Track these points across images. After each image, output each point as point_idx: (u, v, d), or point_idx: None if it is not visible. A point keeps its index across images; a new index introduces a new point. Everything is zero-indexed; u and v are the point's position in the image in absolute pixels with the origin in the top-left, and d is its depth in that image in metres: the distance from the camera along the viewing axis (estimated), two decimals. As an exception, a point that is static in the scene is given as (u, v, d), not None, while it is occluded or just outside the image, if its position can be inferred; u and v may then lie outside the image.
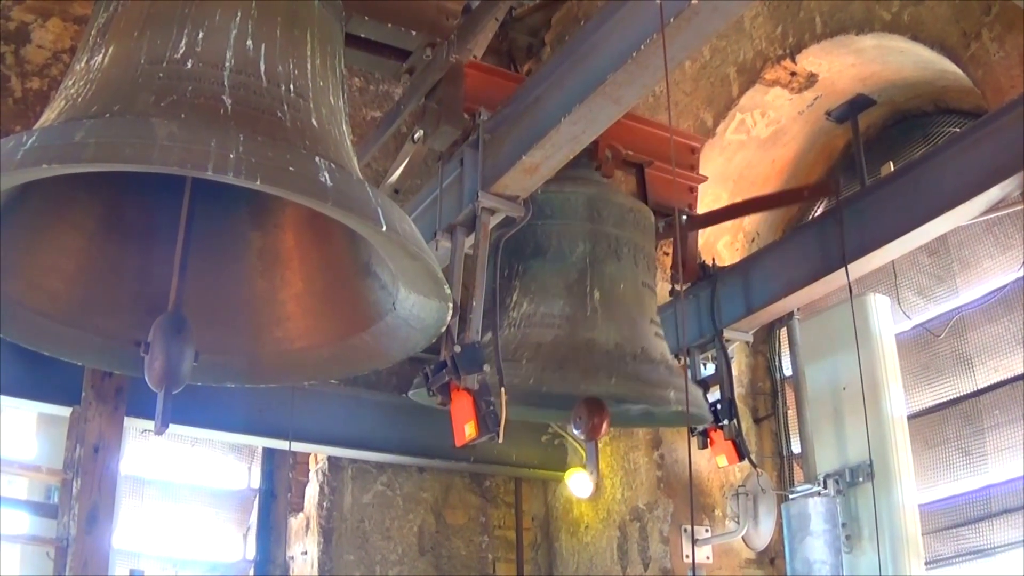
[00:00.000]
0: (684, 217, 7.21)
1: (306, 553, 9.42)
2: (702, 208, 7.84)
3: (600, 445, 9.15)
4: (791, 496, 7.62)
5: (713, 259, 7.76)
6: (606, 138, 6.46)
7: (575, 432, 6.37)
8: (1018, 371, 7.28)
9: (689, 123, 9.00)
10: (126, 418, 7.95)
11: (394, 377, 9.42)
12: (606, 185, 6.72)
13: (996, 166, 6.03)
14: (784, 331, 8.53)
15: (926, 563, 7.11)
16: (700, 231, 8.54)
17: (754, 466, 8.04)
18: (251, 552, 9.45)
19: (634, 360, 6.17)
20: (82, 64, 4.35)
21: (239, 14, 4.37)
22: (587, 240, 6.37)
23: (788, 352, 8.48)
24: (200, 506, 9.49)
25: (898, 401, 7.34)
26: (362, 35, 5.77)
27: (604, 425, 6.27)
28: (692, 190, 7.29)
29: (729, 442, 7.26)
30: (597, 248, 6.37)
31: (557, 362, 5.95)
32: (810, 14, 7.96)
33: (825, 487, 7.36)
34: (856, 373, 7.11)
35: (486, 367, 5.07)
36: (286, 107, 4.22)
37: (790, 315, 7.99)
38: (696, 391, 6.92)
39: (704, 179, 7.42)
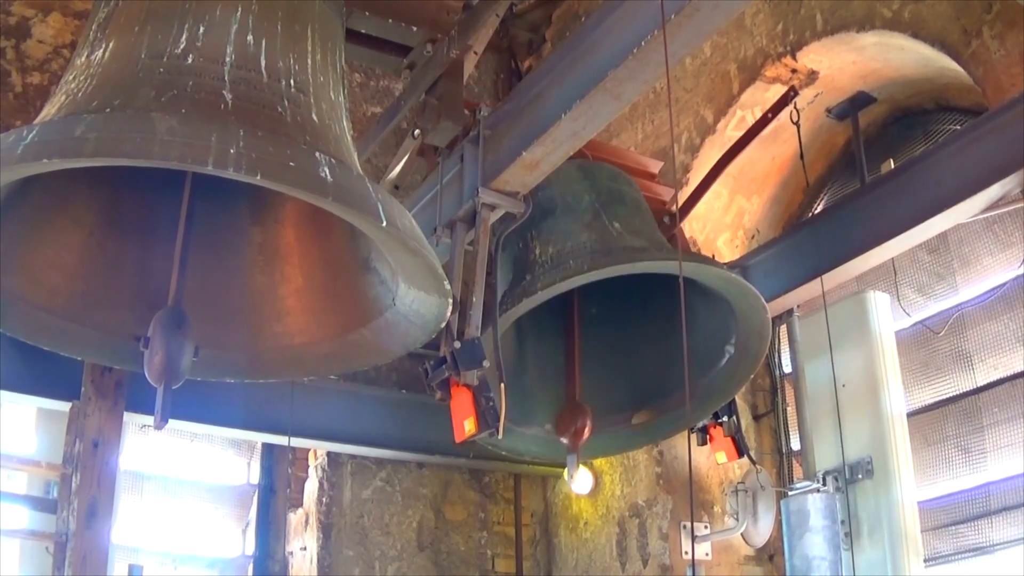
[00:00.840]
0: (667, 219, 7.21)
1: (305, 549, 9.42)
2: (701, 206, 7.86)
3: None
4: (790, 493, 7.62)
5: (713, 255, 7.76)
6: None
7: (562, 441, 6.38)
8: (1018, 369, 7.28)
9: (689, 120, 9.00)
10: (126, 413, 7.94)
11: (394, 373, 9.42)
12: (590, 161, 6.73)
13: (996, 164, 6.03)
14: (784, 328, 8.52)
15: (925, 560, 7.12)
16: (701, 228, 8.57)
17: (753, 463, 8.06)
18: (250, 547, 9.44)
19: (666, 250, 6.23)
20: (83, 59, 4.36)
21: (240, 9, 4.37)
22: (589, 193, 6.40)
23: (788, 349, 8.48)
24: (199, 501, 9.48)
25: (898, 398, 7.35)
26: (362, 31, 5.79)
27: (587, 429, 6.29)
28: (664, 203, 7.26)
29: (728, 439, 7.27)
30: (601, 196, 6.40)
31: (601, 256, 5.96)
32: (811, 11, 7.95)
33: (824, 484, 7.36)
34: (856, 370, 7.12)
35: (485, 363, 5.07)
36: (287, 102, 4.22)
37: (789, 312, 7.99)
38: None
39: (672, 191, 7.42)
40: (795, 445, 8.76)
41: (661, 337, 6.51)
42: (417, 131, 5.87)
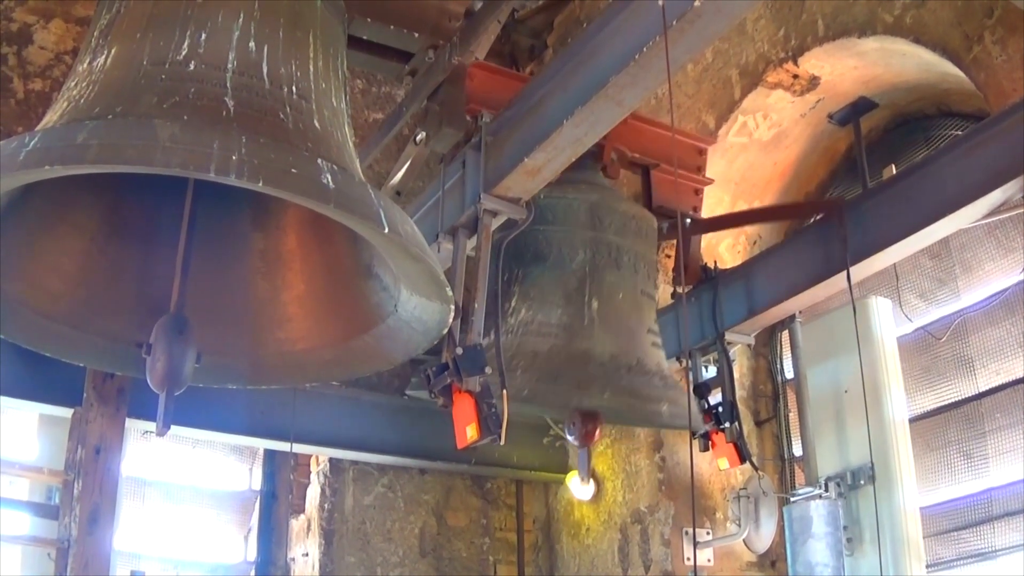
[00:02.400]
0: (688, 220, 7.22)
1: (307, 555, 9.42)
2: (704, 210, 7.86)
3: (601, 448, 9.20)
4: (792, 499, 7.62)
5: (715, 261, 7.76)
6: (612, 139, 6.48)
7: (569, 438, 6.39)
8: (1019, 374, 7.28)
9: (691, 125, 8.99)
10: (127, 419, 7.95)
11: (396, 379, 9.41)
12: (609, 191, 6.74)
13: (998, 169, 6.03)
14: (786, 334, 8.52)
15: (927, 566, 7.11)
16: (703, 235, 8.55)
17: (755, 469, 8.04)
18: (252, 554, 9.44)
19: (629, 372, 6.19)
20: (84, 65, 4.36)
21: (242, 15, 4.37)
22: (588, 248, 6.39)
23: (790, 355, 8.49)
24: (201, 507, 9.49)
25: (899, 404, 7.34)
26: (364, 37, 5.78)
27: (597, 432, 6.29)
28: (698, 192, 7.30)
29: (731, 445, 7.26)
30: (597, 256, 6.39)
31: (552, 373, 5.97)
32: (812, 17, 7.96)
33: (826, 490, 7.36)
34: (858, 376, 7.12)
35: (488, 369, 5.06)
36: (288, 109, 4.22)
37: (792, 318, 7.99)
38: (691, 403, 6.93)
39: (710, 181, 7.43)
40: (797, 451, 8.76)
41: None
42: (420, 136, 5.88)
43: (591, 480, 9.57)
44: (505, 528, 10.27)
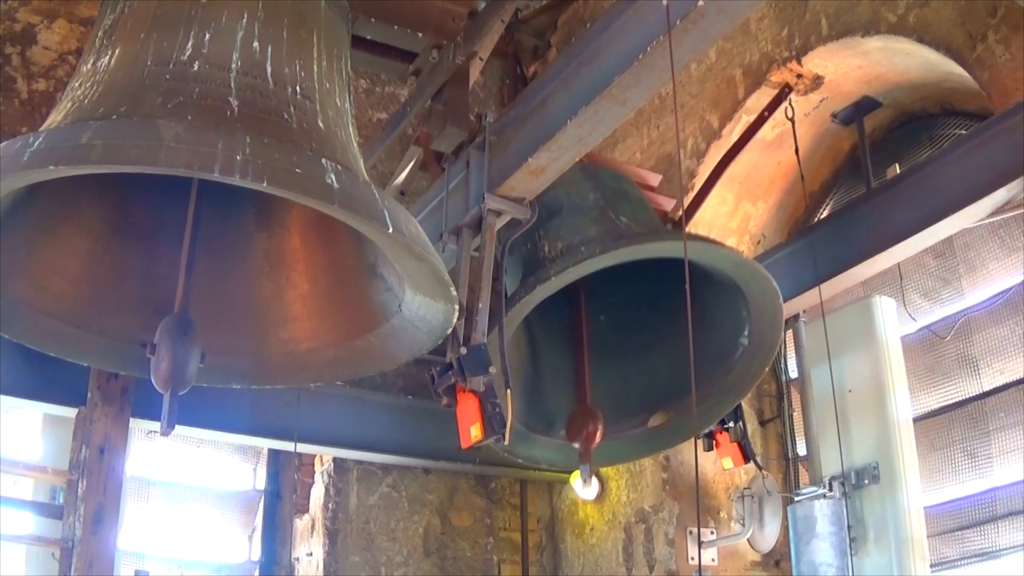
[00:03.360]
0: (670, 226, 7.21)
1: (311, 554, 9.41)
2: (706, 211, 7.87)
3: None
4: (797, 498, 7.62)
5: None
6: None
7: (573, 445, 6.37)
8: (1023, 374, 7.28)
9: (695, 125, 8.99)
10: (132, 419, 7.95)
11: (400, 379, 9.42)
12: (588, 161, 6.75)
13: (1002, 168, 6.03)
14: (790, 333, 8.52)
15: (931, 565, 7.11)
16: (707, 233, 8.54)
17: (760, 468, 8.04)
18: (256, 553, 9.44)
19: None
20: (88, 65, 4.36)
21: (246, 16, 4.38)
22: (594, 191, 6.41)
23: (794, 354, 8.48)
24: (205, 507, 9.48)
25: (904, 403, 7.34)
26: (368, 37, 5.78)
27: (598, 434, 6.28)
28: (667, 213, 7.26)
29: (735, 444, 7.26)
30: (606, 194, 6.41)
31: (612, 238, 5.97)
32: (816, 16, 7.95)
33: (831, 489, 7.36)
34: (862, 375, 7.12)
35: (492, 369, 5.06)
36: (292, 109, 4.23)
37: (796, 317, 7.99)
38: None
39: (673, 200, 7.41)
40: (801, 450, 8.76)
41: (672, 336, 6.49)
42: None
43: (594, 480, 9.57)
44: (509, 528, 10.26)
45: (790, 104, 7.96)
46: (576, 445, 6.34)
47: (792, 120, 8.06)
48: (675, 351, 6.51)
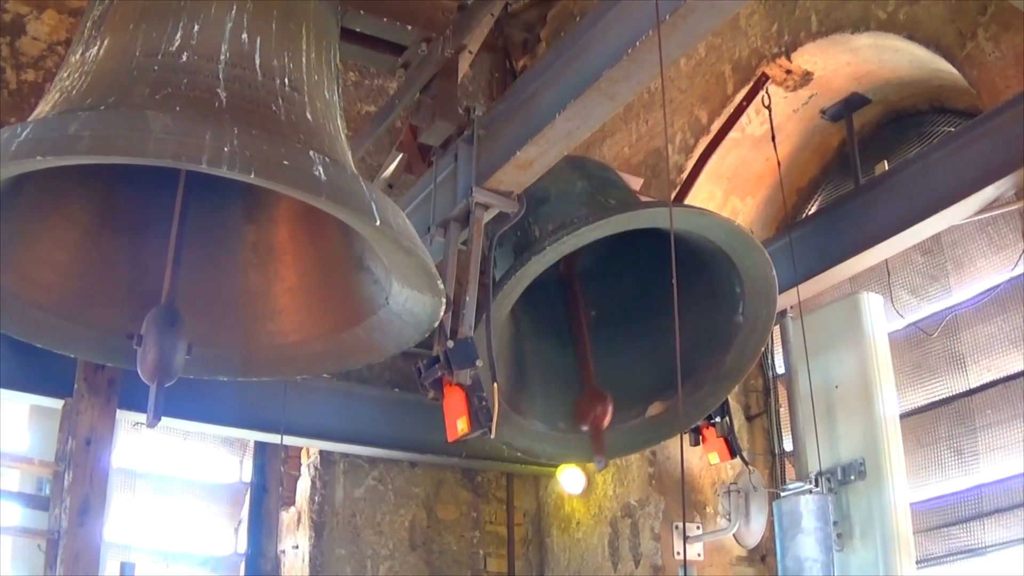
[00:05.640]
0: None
1: (297, 547, 9.41)
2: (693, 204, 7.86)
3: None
4: (783, 494, 7.62)
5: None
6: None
7: (582, 428, 6.36)
8: (1011, 371, 7.29)
9: (684, 120, 9.00)
10: (118, 411, 7.95)
11: (387, 372, 9.42)
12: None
13: (991, 166, 6.04)
14: (777, 329, 8.53)
15: (917, 562, 7.12)
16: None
17: (746, 464, 8.05)
18: (242, 546, 9.44)
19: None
20: (77, 56, 4.36)
21: (235, 8, 4.37)
22: (581, 179, 6.42)
23: (781, 350, 8.49)
24: (192, 499, 9.47)
25: (890, 400, 7.34)
26: (357, 29, 5.78)
27: (607, 416, 6.27)
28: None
29: (721, 439, 7.26)
30: (593, 182, 6.42)
31: (603, 210, 5.97)
32: (806, 12, 7.96)
33: (817, 485, 7.36)
34: (849, 371, 7.13)
35: (479, 362, 5.06)
36: (281, 101, 4.22)
37: (783, 313, 7.99)
38: None
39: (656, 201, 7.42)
40: (788, 446, 8.77)
41: (668, 322, 6.45)
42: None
43: (580, 474, 9.59)
44: (495, 521, 10.26)
45: (766, 92, 7.94)
46: (585, 428, 6.33)
47: (769, 108, 8.05)
48: (671, 337, 6.50)
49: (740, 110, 7.97)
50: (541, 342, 6.74)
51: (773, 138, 8.17)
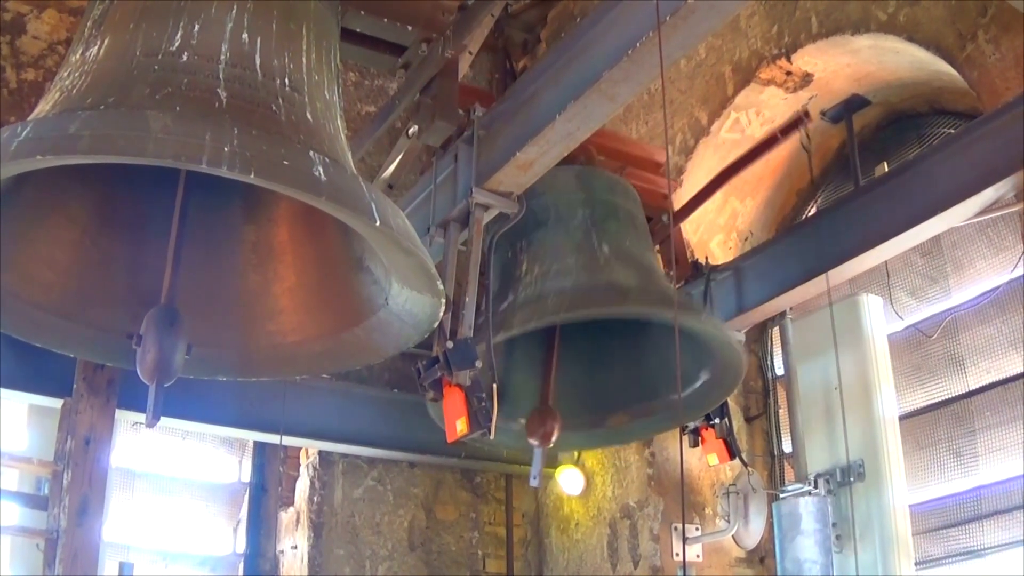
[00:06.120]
0: (665, 217, 7.21)
1: (296, 547, 9.41)
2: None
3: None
4: (782, 495, 7.63)
5: (706, 258, 7.77)
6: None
7: (531, 441, 6.39)
8: (1010, 372, 7.29)
9: (684, 121, 8.99)
10: (117, 410, 7.95)
11: (386, 372, 9.42)
12: (589, 166, 6.74)
13: (991, 168, 6.04)
14: (776, 330, 8.53)
15: (916, 564, 7.12)
16: (695, 230, 8.56)
17: (745, 465, 8.05)
18: (241, 546, 9.44)
19: (650, 292, 6.24)
20: (77, 56, 4.35)
21: (235, 8, 4.37)
22: (584, 206, 6.43)
23: (780, 351, 8.49)
24: (191, 499, 9.47)
25: (890, 401, 7.34)
26: (358, 30, 5.78)
27: (555, 433, 6.30)
28: (666, 197, 7.27)
29: (720, 441, 7.27)
30: (595, 212, 6.43)
31: (581, 296, 5.99)
32: (806, 14, 7.96)
33: (816, 487, 7.36)
34: (848, 373, 7.12)
35: (478, 363, 5.06)
36: (281, 101, 4.22)
37: (782, 314, 8.00)
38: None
39: (678, 185, 7.43)
40: (787, 448, 8.77)
41: (637, 349, 6.55)
42: (412, 129, 5.87)
43: (579, 475, 9.60)
44: (494, 522, 10.26)
45: (806, 133, 7.82)
46: (533, 442, 6.36)
47: (808, 150, 7.96)
48: (638, 364, 6.62)
49: (774, 140, 7.89)
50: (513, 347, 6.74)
51: (812, 181, 8.21)
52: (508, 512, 10.31)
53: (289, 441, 9.05)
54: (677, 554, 8.66)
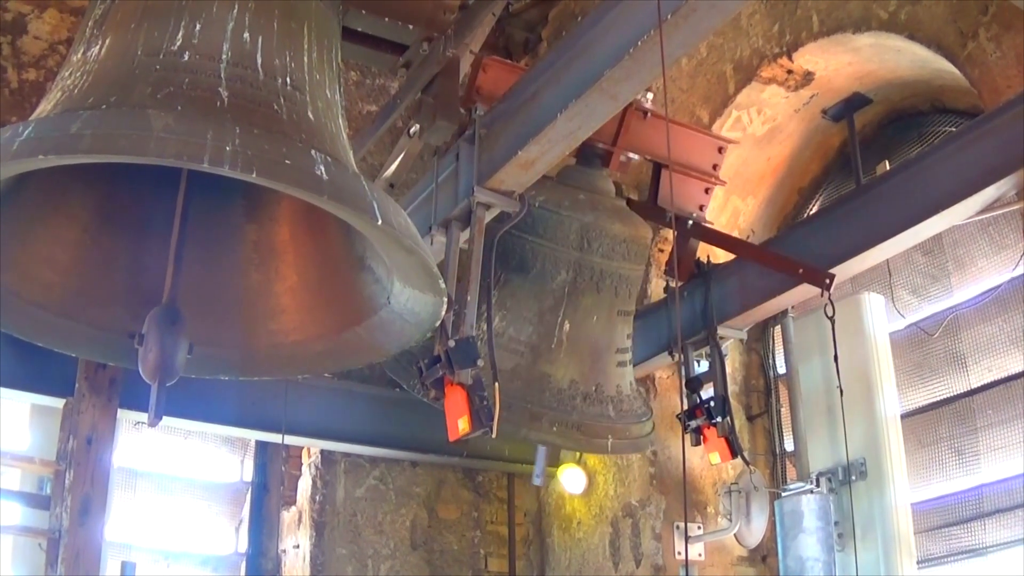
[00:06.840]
0: (690, 223, 7.22)
1: (298, 546, 9.41)
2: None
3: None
4: (784, 494, 7.62)
5: (708, 256, 7.76)
6: (626, 133, 6.51)
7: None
8: (1012, 371, 7.29)
9: (685, 120, 8.98)
10: (119, 410, 7.96)
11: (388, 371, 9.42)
12: (605, 211, 6.71)
13: (992, 166, 6.03)
14: (778, 329, 8.53)
15: (918, 562, 7.12)
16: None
17: (747, 464, 8.03)
18: (243, 545, 9.44)
19: (584, 401, 6.29)
20: (79, 55, 4.35)
21: (236, 7, 4.37)
22: (571, 268, 6.44)
23: (782, 350, 8.49)
24: (193, 499, 9.47)
25: (892, 400, 7.34)
26: (359, 29, 5.78)
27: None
28: (708, 191, 7.29)
29: (722, 439, 7.26)
30: (579, 279, 6.45)
31: (507, 400, 5.93)
32: (807, 12, 7.96)
33: (818, 485, 7.36)
34: (850, 371, 7.12)
35: (480, 362, 5.07)
36: (283, 100, 4.22)
37: (784, 313, 7.99)
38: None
39: (722, 183, 7.42)
40: (789, 446, 8.77)
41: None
42: (413, 128, 5.87)
43: (581, 473, 9.59)
44: (496, 521, 10.26)
45: (830, 302, 7.51)
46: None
47: (832, 320, 7.61)
48: None
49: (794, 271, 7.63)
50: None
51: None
52: (510, 511, 10.31)
53: (291, 440, 9.06)
54: (679, 553, 8.66)
